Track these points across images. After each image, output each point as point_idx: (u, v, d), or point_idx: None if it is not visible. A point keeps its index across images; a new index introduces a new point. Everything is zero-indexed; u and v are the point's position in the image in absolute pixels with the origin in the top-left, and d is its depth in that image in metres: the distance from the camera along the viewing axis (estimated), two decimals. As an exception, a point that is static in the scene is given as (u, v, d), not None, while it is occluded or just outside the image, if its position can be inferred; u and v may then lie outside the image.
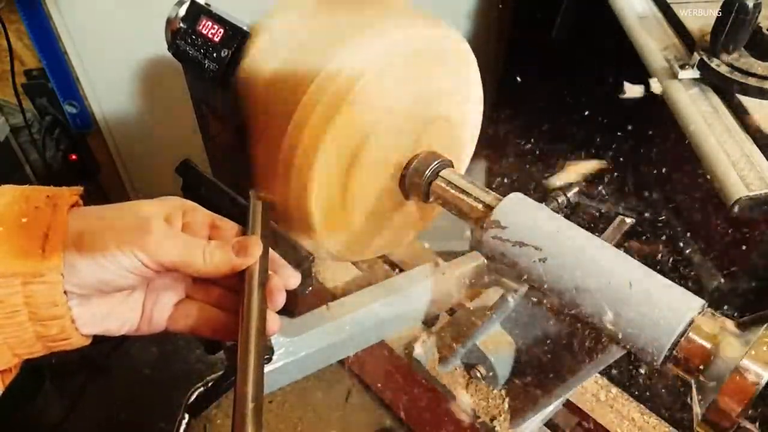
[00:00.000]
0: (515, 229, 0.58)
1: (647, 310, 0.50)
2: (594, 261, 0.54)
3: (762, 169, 0.80)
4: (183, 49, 0.69)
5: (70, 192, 0.46)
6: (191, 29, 0.69)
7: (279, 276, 0.51)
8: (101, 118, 1.33)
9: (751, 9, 0.84)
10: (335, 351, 0.75)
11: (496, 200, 0.62)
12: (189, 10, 0.70)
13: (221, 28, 0.67)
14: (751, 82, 0.88)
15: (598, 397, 0.75)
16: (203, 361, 1.40)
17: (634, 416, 0.73)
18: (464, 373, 0.76)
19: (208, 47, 0.67)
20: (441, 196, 0.70)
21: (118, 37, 1.22)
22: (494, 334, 0.70)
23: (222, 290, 0.51)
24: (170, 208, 0.48)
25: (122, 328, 0.48)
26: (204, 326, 0.50)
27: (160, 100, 1.34)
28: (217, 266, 0.47)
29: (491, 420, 0.72)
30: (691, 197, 0.99)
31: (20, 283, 0.40)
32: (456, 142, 0.81)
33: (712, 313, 0.50)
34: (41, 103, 1.43)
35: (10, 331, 0.41)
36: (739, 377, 0.45)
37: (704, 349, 0.48)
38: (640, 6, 1.09)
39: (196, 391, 0.75)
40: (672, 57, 0.97)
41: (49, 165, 1.48)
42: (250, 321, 0.45)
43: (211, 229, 0.50)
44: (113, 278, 0.44)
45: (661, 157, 1.12)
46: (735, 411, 0.45)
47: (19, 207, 0.43)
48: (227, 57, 0.66)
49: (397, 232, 0.83)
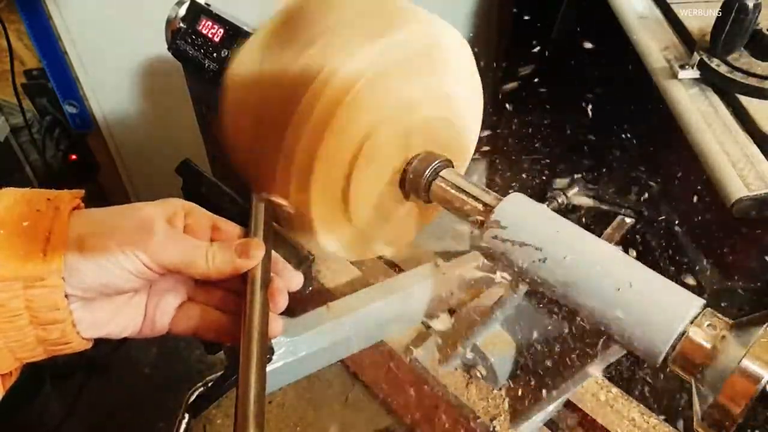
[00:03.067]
0: (515, 229, 0.58)
1: (647, 310, 0.50)
2: (594, 261, 0.54)
3: (762, 169, 0.80)
4: (183, 49, 0.69)
5: (71, 195, 0.46)
6: (191, 29, 0.69)
7: (281, 278, 0.51)
8: (101, 118, 1.32)
9: (751, 9, 0.84)
10: (335, 351, 0.75)
11: (496, 200, 0.62)
12: (189, 10, 0.70)
13: (221, 28, 0.67)
14: (751, 82, 0.88)
15: (598, 397, 0.75)
16: (203, 361, 1.40)
17: (634, 416, 0.73)
18: (464, 373, 0.76)
19: (208, 47, 0.67)
20: (441, 196, 0.70)
21: (118, 37, 1.22)
22: (494, 334, 0.70)
23: (224, 292, 0.51)
24: (172, 209, 0.48)
25: (125, 332, 0.48)
26: (206, 328, 0.50)
27: (160, 100, 1.34)
28: (219, 268, 0.47)
29: (491, 420, 0.72)
30: (691, 197, 0.99)
31: (21, 286, 0.40)
32: (456, 142, 0.81)
33: (712, 313, 0.50)
34: (41, 103, 1.44)
35: (11, 335, 0.41)
36: (739, 377, 0.45)
37: (704, 349, 0.48)
38: (640, 6, 1.09)
39: (196, 391, 0.75)
40: (672, 57, 0.97)
41: (49, 165, 1.48)
42: (252, 323, 0.45)
43: (213, 231, 0.50)
44: (116, 280, 0.43)
45: (661, 157, 1.12)
46: (735, 411, 0.45)
47: (20, 210, 0.43)
48: (227, 57, 0.66)
49: (397, 232, 0.83)
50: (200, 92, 0.75)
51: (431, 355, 0.78)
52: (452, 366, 0.76)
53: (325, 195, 0.69)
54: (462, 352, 0.72)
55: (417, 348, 0.80)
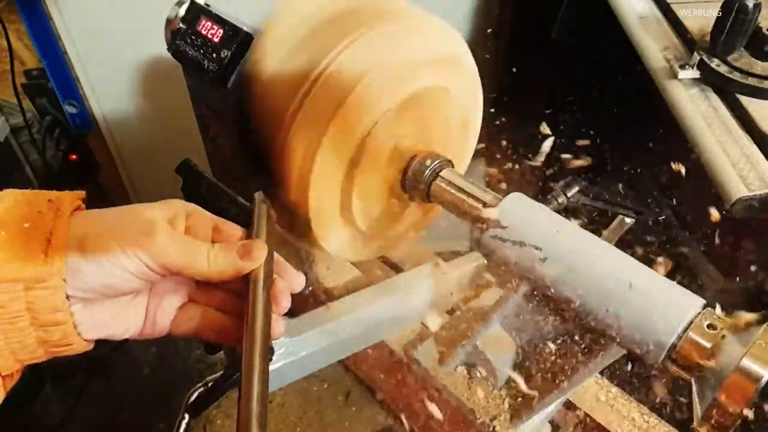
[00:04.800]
0: (515, 229, 0.58)
1: (647, 310, 0.50)
2: (594, 261, 0.54)
3: (762, 169, 0.80)
4: (183, 49, 0.69)
5: (72, 196, 0.46)
6: (191, 29, 0.69)
7: (284, 279, 0.51)
8: (101, 118, 1.32)
9: (751, 9, 0.84)
10: (335, 351, 0.75)
11: (496, 200, 0.62)
12: (189, 10, 0.70)
13: (221, 29, 0.67)
14: (751, 82, 0.88)
15: (598, 397, 0.75)
16: (203, 361, 1.40)
17: (634, 416, 0.73)
18: (464, 373, 0.76)
19: (207, 47, 0.67)
20: (441, 196, 0.70)
21: (118, 37, 1.22)
22: (494, 334, 0.70)
23: (225, 293, 0.51)
24: (174, 211, 0.48)
25: (126, 333, 0.48)
26: (208, 330, 0.50)
27: (160, 100, 1.34)
28: (221, 269, 0.47)
29: (491, 420, 0.72)
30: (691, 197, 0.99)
31: (22, 288, 0.40)
32: (456, 142, 0.81)
33: (712, 313, 0.50)
34: (41, 103, 1.43)
35: (12, 336, 0.41)
36: (739, 377, 0.45)
37: (704, 349, 0.48)
38: (640, 6, 1.09)
39: (196, 391, 0.75)
40: (672, 57, 0.97)
41: (49, 165, 1.47)
42: (254, 324, 0.45)
43: (214, 232, 0.50)
44: (117, 281, 0.43)
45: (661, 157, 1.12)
46: (735, 410, 0.45)
47: (21, 211, 0.42)
48: (227, 57, 0.66)
49: (398, 231, 0.83)
50: (200, 92, 0.75)
51: (431, 355, 0.78)
52: (452, 366, 0.76)
53: (325, 195, 0.69)
54: (462, 352, 0.72)
55: (417, 348, 0.80)
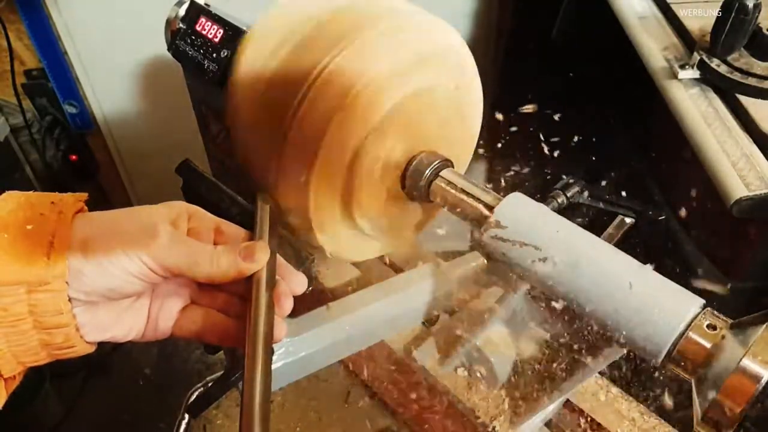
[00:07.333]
0: (515, 229, 0.58)
1: (647, 310, 0.50)
2: (594, 261, 0.54)
3: (762, 169, 0.80)
4: (183, 49, 0.69)
5: (74, 198, 0.46)
6: (191, 29, 0.69)
7: (286, 281, 0.50)
8: (101, 118, 1.33)
9: (751, 9, 0.84)
10: (335, 351, 0.75)
11: (496, 200, 0.62)
12: (189, 10, 0.70)
13: (221, 29, 0.67)
14: (751, 82, 0.88)
15: (598, 397, 0.75)
16: (203, 361, 1.40)
17: (634, 416, 0.73)
18: (464, 373, 0.76)
19: (207, 47, 0.67)
20: (441, 196, 0.70)
21: (118, 37, 1.22)
22: (494, 334, 0.70)
23: (228, 296, 0.51)
24: (176, 212, 0.48)
25: (128, 335, 0.48)
26: (210, 332, 0.50)
27: (160, 100, 1.34)
28: (223, 271, 0.47)
29: (491, 420, 0.72)
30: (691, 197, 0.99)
31: (25, 291, 0.40)
32: (456, 142, 0.81)
33: (712, 313, 0.50)
34: (41, 103, 1.43)
35: (15, 339, 0.41)
36: (739, 377, 0.45)
37: (704, 349, 0.48)
38: (640, 6, 1.09)
39: (196, 391, 0.75)
40: (672, 57, 0.97)
41: (49, 165, 1.48)
42: (257, 325, 0.45)
43: (216, 233, 0.50)
44: (119, 284, 0.43)
45: (661, 157, 1.12)
46: (735, 411, 0.45)
47: (23, 214, 0.42)
48: (227, 57, 0.66)
49: (398, 232, 0.83)
50: (200, 92, 0.75)
51: (431, 355, 0.78)
52: (452, 366, 0.76)
53: (325, 195, 0.69)
54: (462, 352, 0.72)
55: (417, 348, 0.80)
